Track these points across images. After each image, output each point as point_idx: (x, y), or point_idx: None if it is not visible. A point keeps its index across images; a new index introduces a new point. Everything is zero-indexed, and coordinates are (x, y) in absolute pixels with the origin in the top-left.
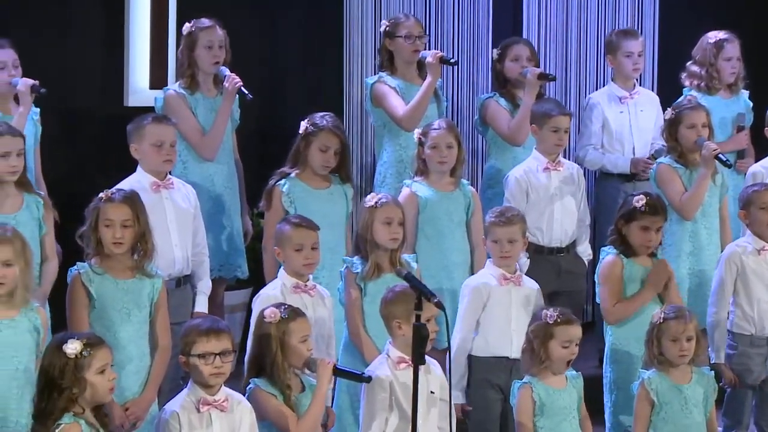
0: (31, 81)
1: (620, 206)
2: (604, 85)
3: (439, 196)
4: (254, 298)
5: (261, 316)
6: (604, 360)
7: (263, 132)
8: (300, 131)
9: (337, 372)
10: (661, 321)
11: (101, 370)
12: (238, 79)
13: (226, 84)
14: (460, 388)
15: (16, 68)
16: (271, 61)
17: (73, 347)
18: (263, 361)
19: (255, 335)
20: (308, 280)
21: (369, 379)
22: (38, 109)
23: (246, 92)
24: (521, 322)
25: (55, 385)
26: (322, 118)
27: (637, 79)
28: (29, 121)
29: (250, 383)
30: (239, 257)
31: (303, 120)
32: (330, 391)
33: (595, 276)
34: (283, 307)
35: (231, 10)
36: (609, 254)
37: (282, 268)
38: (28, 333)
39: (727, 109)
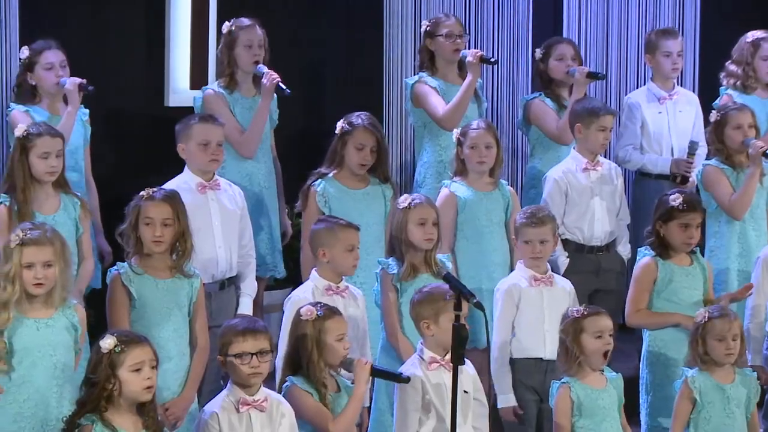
0: (78, 80)
1: (655, 207)
2: (644, 85)
3: (478, 196)
4: (285, 300)
5: (297, 314)
6: (641, 361)
7: (303, 132)
8: (336, 131)
9: (375, 372)
10: (706, 320)
11: (135, 368)
12: (276, 76)
13: (264, 81)
14: (508, 391)
15: (64, 68)
16: (311, 61)
17: (106, 343)
18: (299, 359)
19: (291, 334)
20: (341, 281)
21: (408, 380)
22: (87, 110)
23: (284, 87)
24: (555, 323)
25: (89, 380)
26: (358, 116)
27: (677, 79)
28: (78, 121)
29: (286, 381)
30: (276, 257)
31: (340, 120)
32: (367, 392)
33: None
34: (319, 305)
35: (271, 9)
36: (645, 256)
37: (314, 270)
38: (66, 331)
39: (764, 108)
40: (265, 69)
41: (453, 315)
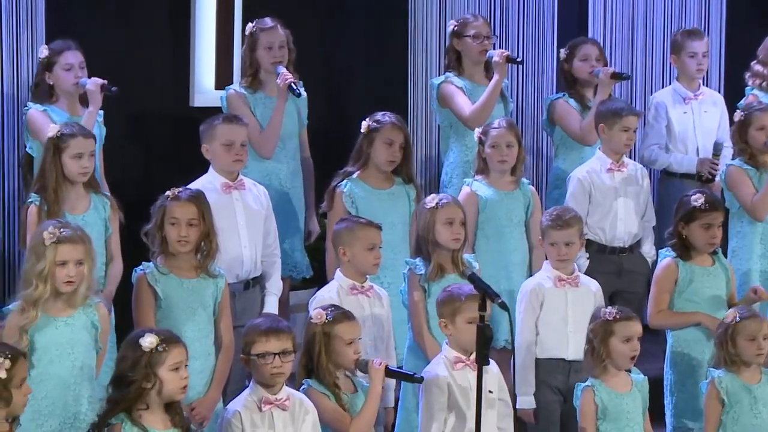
0: (100, 80)
1: (676, 208)
2: (670, 85)
3: (499, 195)
4: (310, 300)
5: (309, 317)
6: (665, 362)
7: (328, 132)
8: (362, 130)
9: (389, 373)
10: (737, 321)
11: (175, 368)
12: (289, 76)
13: (278, 81)
14: (529, 392)
15: (82, 69)
16: (336, 61)
17: (148, 341)
18: (312, 361)
19: (305, 336)
20: (365, 281)
21: (420, 380)
22: (102, 111)
23: (295, 88)
24: (579, 324)
25: (125, 378)
26: (384, 114)
27: (702, 80)
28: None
29: (303, 383)
30: (297, 257)
31: (364, 120)
32: (392, 392)
33: None
34: (330, 308)
35: (296, 9)
36: (666, 257)
37: (339, 270)
38: (85, 330)
39: None
40: (282, 69)
41: (469, 316)
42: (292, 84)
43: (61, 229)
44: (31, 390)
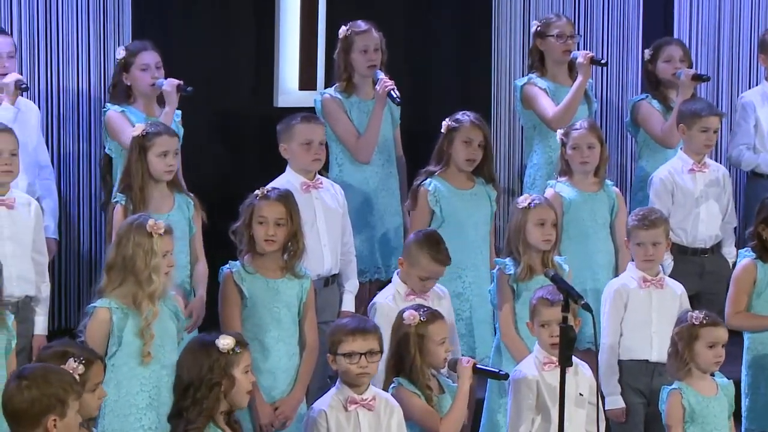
0: (176, 81)
1: (758, 209)
2: (757, 85)
3: (583, 196)
4: (369, 307)
5: (400, 318)
6: (743, 365)
7: (413, 134)
8: (442, 130)
9: (477, 371)
10: None
11: (246, 370)
12: (389, 83)
13: (377, 87)
14: (616, 393)
15: (159, 69)
16: (419, 62)
17: (225, 343)
18: (402, 362)
19: (394, 337)
20: (424, 287)
21: (506, 377)
22: (180, 111)
23: (396, 96)
24: (663, 325)
25: (202, 383)
26: (464, 114)
27: None
28: (172, 123)
29: (393, 382)
30: (387, 260)
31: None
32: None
33: None
34: (422, 309)
35: (380, 11)
36: (745, 257)
37: (397, 273)
38: (171, 322)
39: None
40: (381, 75)
41: (540, 319)
42: (392, 91)
43: (157, 221)
44: (106, 393)
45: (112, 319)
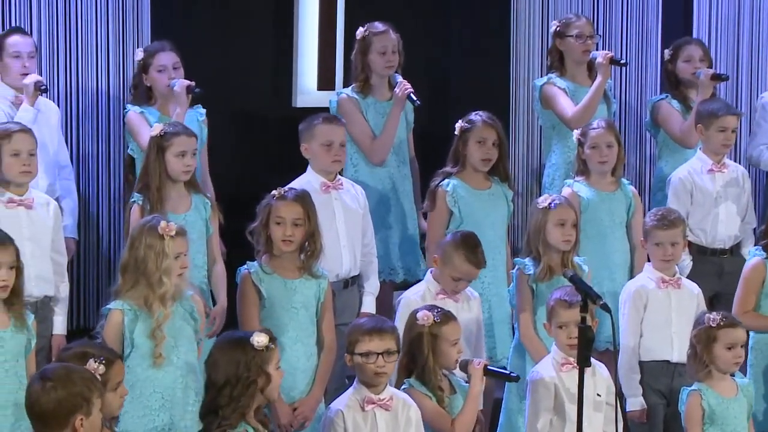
0: (186, 82)
1: None
2: None
3: (600, 196)
4: (397, 300)
5: (413, 318)
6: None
7: (430, 134)
8: (455, 131)
9: (488, 372)
10: None
11: (277, 366)
12: (408, 86)
13: (396, 90)
14: (637, 393)
15: (177, 70)
16: (437, 63)
17: (261, 340)
18: (415, 361)
19: (406, 337)
20: (456, 287)
21: (517, 378)
22: (204, 110)
23: (415, 98)
24: (682, 326)
25: (239, 381)
26: (476, 114)
27: None
28: (195, 122)
29: (404, 383)
30: (411, 260)
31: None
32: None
33: None
34: (436, 310)
35: (398, 11)
36: (755, 256)
37: (430, 272)
38: (185, 322)
39: None
40: (399, 78)
41: (557, 320)
42: (411, 95)
43: (169, 223)
44: (127, 392)
45: (123, 321)
